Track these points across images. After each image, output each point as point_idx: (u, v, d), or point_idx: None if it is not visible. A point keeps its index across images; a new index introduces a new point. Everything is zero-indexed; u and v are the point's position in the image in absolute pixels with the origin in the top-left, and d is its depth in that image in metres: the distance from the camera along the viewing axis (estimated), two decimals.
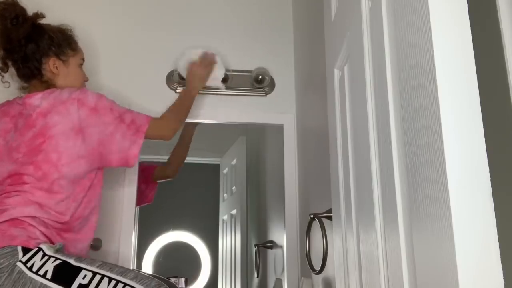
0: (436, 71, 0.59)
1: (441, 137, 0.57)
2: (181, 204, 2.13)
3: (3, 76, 1.62)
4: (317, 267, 1.44)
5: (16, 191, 1.38)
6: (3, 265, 1.23)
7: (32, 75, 1.57)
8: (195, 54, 1.90)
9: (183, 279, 1.92)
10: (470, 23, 0.60)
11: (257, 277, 2.12)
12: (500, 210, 0.58)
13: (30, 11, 1.58)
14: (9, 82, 1.64)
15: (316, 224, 1.50)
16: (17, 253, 1.25)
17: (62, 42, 1.60)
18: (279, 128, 2.08)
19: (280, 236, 2.02)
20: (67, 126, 1.43)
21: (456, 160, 0.56)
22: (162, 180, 2.09)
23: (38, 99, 1.47)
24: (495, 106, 0.87)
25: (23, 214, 1.34)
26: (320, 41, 1.59)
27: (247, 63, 2.12)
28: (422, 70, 0.63)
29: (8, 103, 1.56)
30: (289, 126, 2.07)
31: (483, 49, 0.81)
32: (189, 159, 2.17)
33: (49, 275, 1.23)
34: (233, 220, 2.19)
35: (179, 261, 2.13)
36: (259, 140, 2.29)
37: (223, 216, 2.21)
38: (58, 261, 1.26)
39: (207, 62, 1.89)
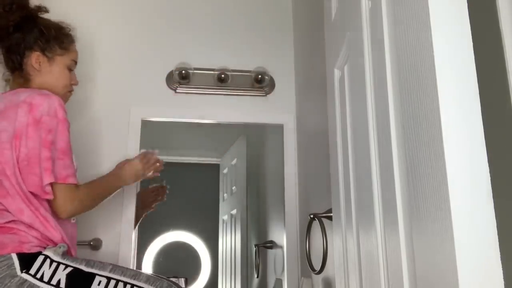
0: (436, 71, 0.59)
1: (441, 137, 0.57)
2: (181, 204, 2.13)
3: None
4: (317, 267, 1.44)
5: None
6: (1, 275, 1.16)
7: (14, 68, 1.50)
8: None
9: (183, 279, 1.91)
10: (470, 23, 0.60)
11: (257, 277, 2.12)
12: (500, 210, 0.58)
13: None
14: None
15: (316, 224, 1.50)
16: (13, 263, 1.19)
17: (52, 38, 1.51)
18: (279, 128, 2.08)
19: (280, 236, 2.02)
20: (12, 134, 1.30)
21: (456, 160, 0.56)
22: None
23: None
24: (495, 106, 0.87)
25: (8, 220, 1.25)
26: (320, 41, 1.59)
27: (247, 63, 2.12)
28: (422, 70, 0.63)
29: None
30: (289, 126, 2.07)
31: (483, 49, 0.81)
32: (189, 159, 2.17)
33: (62, 284, 1.19)
34: (233, 220, 2.19)
35: (179, 261, 2.13)
36: (259, 140, 2.29)
37: (223, 216, 2.21)
38: (69, 269, 1.22)
39: (148, 161, 1.64)
